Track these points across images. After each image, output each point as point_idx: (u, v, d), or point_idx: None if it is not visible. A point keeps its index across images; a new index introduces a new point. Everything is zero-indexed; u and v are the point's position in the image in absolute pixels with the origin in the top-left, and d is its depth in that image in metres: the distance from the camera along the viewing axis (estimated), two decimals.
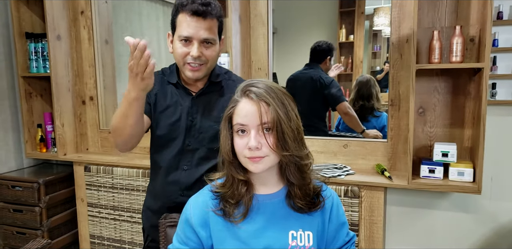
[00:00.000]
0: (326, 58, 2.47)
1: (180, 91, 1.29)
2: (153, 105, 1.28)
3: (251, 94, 0.87)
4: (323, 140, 2.00)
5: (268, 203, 0.93)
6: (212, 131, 1.26)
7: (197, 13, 1.14)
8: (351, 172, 1.85)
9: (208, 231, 0.93)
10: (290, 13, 3.18)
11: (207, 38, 1.17)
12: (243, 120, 0.87)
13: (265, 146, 0.86)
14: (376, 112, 2.39)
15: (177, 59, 1.21)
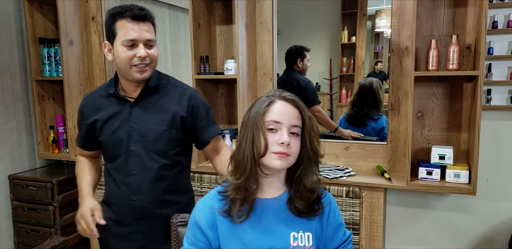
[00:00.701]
0: (297, 60, 2.56)
1: (117, 100, 1.34)
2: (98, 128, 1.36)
3: (289, 97, 0.95)
4: (326, 142, 2.08)
5: (271, 207, 0.99)
6: (153, 133, 1.33)
7: (137, 18, 1.23)
8: (352, 173, 1.93)
9: (216, 233, 0.98)
10: (293, 15, 3.23)
11: (150, 38, 1.25)
12: (279, 118, 0.93)
13: (294, 146, 0.93)
14: (374, 115, 2.46)
15: (123, 63, 1.25)
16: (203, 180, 2.09)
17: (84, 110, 1.39)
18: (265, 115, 0.94)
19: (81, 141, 1.47)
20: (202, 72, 2.04)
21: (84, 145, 1.46)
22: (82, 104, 1.41)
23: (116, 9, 1.25)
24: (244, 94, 2.01)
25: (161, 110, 1.35)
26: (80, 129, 1.44)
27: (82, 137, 1.45)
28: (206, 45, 2.14)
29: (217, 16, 2.19)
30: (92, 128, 1.37)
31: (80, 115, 1.41)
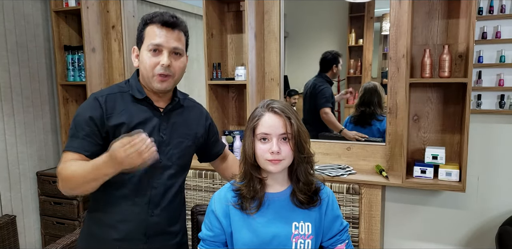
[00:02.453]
0: (332, 66, 2.75)
1: (146, 107, 1.24)
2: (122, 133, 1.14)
3: (275, 109, 1.09)
4: (329, 143, 2.24)
5: (276, 200, 1.15)
6: (180, 147, 1.28)
7: (167, 24, 1.17)
8: (353, 172, 2.08)
9: (229, 221, 1.15)
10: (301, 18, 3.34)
11: (176, 47, 1.18)
12: (267, 130, 1.08)
13: (285, 151, 1.08)
14: (379, 117, 2.61)
15: (146, 70, 1.18)
16: (214, 178, 2.26)
17: (104, 108, 1.18)
18: (256, 128, 1.10)
19: (84, 146, 1.16)
20: (214, 78, 2.21)
21: (93, 151, 1.16)
22: (101, 100, 1.19)
23: (148, 15, 1.21)
24: (253, 98, 2.17)
25: (187, 124, 1.32)
26: (87, 130, 1.16)
27: (88, 140, 1.17)
28: (218, 53, 2.31)
29: (229, 25, 2.36)
30: (113, 131, 1.18)
31: (96, 114, 1.17)
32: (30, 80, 2.55)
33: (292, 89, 3.24)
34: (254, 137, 1.11)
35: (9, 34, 2.41)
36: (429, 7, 1.90)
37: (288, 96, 3.22)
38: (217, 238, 1.18)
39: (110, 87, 1.28)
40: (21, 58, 2.49)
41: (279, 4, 2.22)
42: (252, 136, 1.11)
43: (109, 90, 1.25)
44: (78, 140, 1.17)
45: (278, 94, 2.30)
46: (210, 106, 2.23)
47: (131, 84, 1.25)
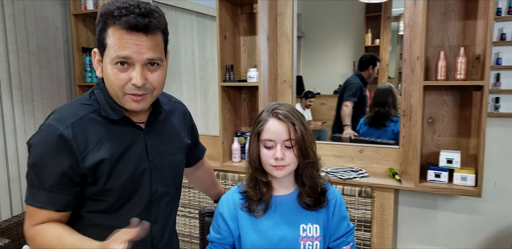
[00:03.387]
0: (368, 66, 2.83)
1: (125, 128, 0.98)
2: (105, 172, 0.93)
3: (279, 115, 1.10)
4: (342, 145, 2.22)
5: (284, 202, 1.16)
6: (174, 165, 1.09)
7: (136, 28, 0.84)
8: (366, 174, 2.06)
9: (236, 223, 1.16)
10: (317, 18, 3.32)
11: (152, 58, 0.88)
12: (271, 136, 1.09)
13: (289, 157, 1.09)
14: (394, 118, 2.58)
15: (113, 90, 0.90)
16: (227, 178, 2.28)
17: (73, 145, 0.89)
18: (261, 134, 1.11)
19: (53, 200, 0.91)
20: (227, 80, 2.22)
21: (64, 204, 0.92)
22: (68, 135, 0.89)
23: (110, 7, 0.87)
24: (265, 100, 2.17)
25: (173, 135, 1.09)
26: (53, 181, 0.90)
27: (56, 191, 0.91)
28: (231, 55, 2.32)
29: (242, 27, 2.37)
30: (92, 171, 0.91)
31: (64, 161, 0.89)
32: (50, 81, 2.62)
33: (308, 91, 3.24)
34: (259, 142, 1.12)
35: (31, 36, 2.49)
36: (445, 8, 1.86)
37: (304, 97, 3.21)
38: (225, 241, 1.19)
39: (71, 110, 0.95)
40: (41, 60, 2.56)
41: (292, 6, 2.21)
42: (257, 141, 1.12)
43: (71, 116, 0.92)
44: (42, 192, 0.91)
45: (290, 96, 2.29)
46: (223, 108, 2.24)
47: (99, 101, 0.95)
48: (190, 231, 2.48)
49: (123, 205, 0.98)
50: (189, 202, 2.44)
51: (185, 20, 3.24)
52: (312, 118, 3.29)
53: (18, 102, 2.43)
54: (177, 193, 1.15)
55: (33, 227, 0.92)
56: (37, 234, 0.91)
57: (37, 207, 0.91)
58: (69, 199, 0.93)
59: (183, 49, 3.25)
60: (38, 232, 0.91)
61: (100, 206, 0.97)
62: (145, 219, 0.93)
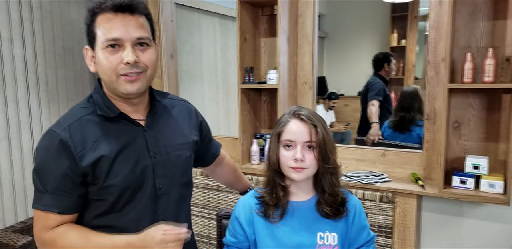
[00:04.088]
0: (384, 65, 2.81)
1: (123, 125, 0.99)
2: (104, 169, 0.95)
3: (301, 116, 1.08)
4: (363, 149, 2.18)
5: (301, 208, 1.14)
6: (180, 162, 1.08)
7: (121, 8, 0.90)
8: (388, 179, 2.01)
9: (252, 228, 1.15)
10: (341, 18, 3.29)
11: (140, 37, 0.92)
12: (292, 137, 1.07)
13: (309, 159, 1.06)
14: (419, 122, 2.50)
15: (106, 74, 0.93)
16: None
17: (71, 145, 0.92)
18: (281, 135, 1.09)
19: (56, 202, 0.93)
20: (246, 82, 2.21)
21: (68, 206, 0.95)
22: (65, 137, 0.92)
23: (94, 1, 0.93)
24: (285, 102, 2.15)
25: (177, 130, 1.09)
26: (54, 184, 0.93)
27: (59, 194, 0.93)
28: (251, 57, 2.32)
29: (262, 29, 2.35)
30: (91, 169, 0.93)
31: (63, 162, 0.92)
32: (75, 83, 2.69)
33: (332, 92, 3.20)
34: (278, 143, 1.10)
35: (57, 39, 2.56)
36: (473, 8, 1.79)
37: (327, 99, 3.18)
38: (241, 245, 1.18)
39: (70, 113, 1.00)
40: (67, 62, 2.63)
41: (313, 7, 2.18)
42: (277, 142, 1.10)
43: (68, 119, 0.96)
44: (46, 195, 0.93)
45: (310, 97, 2.26)
46: (242, 110, 2.24)
47: (96, 101, 0.98)
48: (209, 233, 2.49)
49: (127, 202, 0.99)
50: (208, 204, 2.44)
51: (207, 22, 3.27)
52: (335, 119, 3.25)
53: (44, 103, 2.50)
54: (186, 191, 1.14)
55: (46, 231, 0.94)
56: (57, 237, 0.93)
57: (42, 210, 0.94)
58: (72, 202, 0.95)
59: (205, 51, 3.28)
60: (57, 235, 0.93)
61: (103, 207, 0.98)
62: (151, 217, 1.01)
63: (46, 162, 0.94)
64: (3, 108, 2.29)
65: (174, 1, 2.75)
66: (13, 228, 1.90)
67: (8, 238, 1.45)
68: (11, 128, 2.33)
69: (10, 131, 2.33)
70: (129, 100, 1.00)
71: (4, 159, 2.31)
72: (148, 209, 1.02)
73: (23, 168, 2.40)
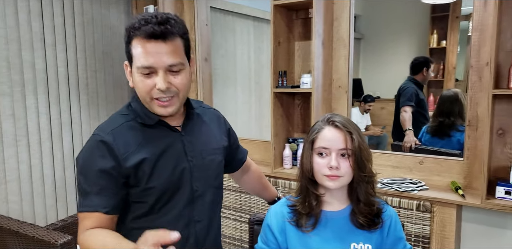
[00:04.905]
0: (422, 69, 2.69)
1: (162, 131, 1.05)
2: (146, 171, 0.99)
3: (336, 122, 1.05)
4: (400, 155, 2.11)
5: (335, 218, 1.11)
6: (213, 166, 1.13)
7: (154, 36, 0.92)
8: (425, 187, 1.93)
9: (284, 237, 1.13)
10: (377, 19, 3.21)
11: (172, 63, 0.95)
12: (326, 144, 1.04)
13: (344, 167, 1.04)
14: (460, 127, 2.40)
15: (142, 96, 0.99)
16: (277, 185, 2.26)
17: (116, 149, 0.97)
18: (315, 142, 1.07)
19: (102, 202, 0.97)
20: (280, 86, 2.20)
21: (114, 206, 0.98)
22: (110, 140, 0.97)
23: (131, 22, 0.97)
24: (319, 106, 2.12)
25: (210, 136, 1.15)
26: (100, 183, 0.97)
27: (105, 194, 0.97)
28: (284, 60, 2.30)
29: (297, 33, 2.33)
30: (134, 171, 0.98)
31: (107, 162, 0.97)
32: (113, 86, 2.78)
33: (368, 94, 3.13)
34: (312, 150, 1.07)
35: (97, 44, 2.65)
36: None
37: (363, 101, 3.11)
38: None
39: (112, 119, 1.05)
40: (106, 66, 2.72)
41: (349, 10, 2.14)
42: (311, 149, 1.08)
43: (111, 125, 1.02)
44: (92, 197, 0.97)
45: (346, 101, 2.22)
46: (275, 114, 2.23)
47: (135, 110, 1.04)
48: (241, 236, 2.50)
49: (165, 204, 1.03)
50: (240, 207, 2.45)
51: (241, 25, 3.28)
52: (371, 123, 3.18)
53: (84, 106, 2.60)
54: (218, 194, 1.18)
55: (83, 232, 0.97)
56: (86, 238, 0.96)
57: (89, 211, 0.97)
58: (116, 202, 0.99)
59: (239, 54, 3.29)
60: (87, 236, 0.96)
61: (143, 209, 1.02)
62: (187, 219, 1.05)
63: (90, 162, 0.98)
64: (46, 110, 2.39)
65: (209, 5, 2.78)
66: (54, 226, 1.99)
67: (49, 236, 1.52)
68: (53, 129, 2.43)
69: (53, 133, 2.43)
70: None
71: (46, 159, 2.41)
72: (185, 211, 1.06)
73: (64, 167, 2.50)
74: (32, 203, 2.35)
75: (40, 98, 2.35)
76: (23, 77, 2.27)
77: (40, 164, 2.38)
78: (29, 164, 2.33)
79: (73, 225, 2.22)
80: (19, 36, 2.23)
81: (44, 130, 2.39)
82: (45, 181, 2.41)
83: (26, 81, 2.28)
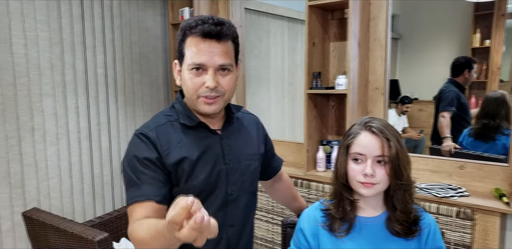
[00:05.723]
0: (464, 71, 2.59)
1: (202, 133, 1.06)
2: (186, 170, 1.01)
3: (373, 128, 1.02)
4: (438, 160, 2.03)
5: (370, 225, 1.08)
6: (249, 171, 1.13)
7: (209, 35, 0.96)
8: (466, 194, 1.85)
9: (317, 241, 1.11)
10: (416, 18, 3.13)
11: (223, 64, 0.98)
12: (362, 150, 1.01)
13: (379, 175, 1.00)
14: (505, 130, 2.29)
15: (189, 93, 1.01)
16: (310, 188, 2.23)
17: (157, 144, 1.00)
18: (350, 147, 1.03)
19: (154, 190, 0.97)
20: (314, 87, 2.17)
21: (165, 196, 0.99)
22: (152, 136, 1.00)
23: (187, 22, 1.00)
24: (354, 108, 2.08)
25: (248, 141, 1.16)
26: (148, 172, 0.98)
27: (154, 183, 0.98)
28: (319, 61, 2.27)
29: (332, 33, 2.30)
30: (174, 169, 1.00)
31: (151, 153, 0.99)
32: (150, 87, 2.84)
33: (405, 96, 3.05)
34: (347, 156, 1.05)
35: (134, 46, 2.72)
36: None
37: (400, 103, 3.03)
38: None
39: (155, 118, 1.08)
40: (142, 67, 2.78)
41: (387, 10, 2.08)
42: (346, 154, 1.05)
43: (156, 122, 1.05)
44: (142, 186, 0.97)
45: (382, 103, 2.16)
46: (308, 115, 2.20)
47: (178, 111, 1.06)
48: (273, 238, 2.48)
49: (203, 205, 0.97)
50: (272, 209, 2.44)
51: (276, 25, 3.27)
52: (408, 125, 3.09)
53: (122, 106, 2.67)
54: (253, 200, 1.17)
55: (132, 223, 0.95)
56: (134, 227, 0.94)
57: (141, 200, 0.95)
58: (167, 191, 0.99)
59: (273, 55, 3.28)
60: (135, 227, 0.93)
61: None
62: (220, 222, 0.98)
63: (137, 153, 1.00)
64: (86, 110, 2.48)
65: (243, 6, 2.78)
66: (91, 223, 2.05)
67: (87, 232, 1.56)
68: (92, 128, 2.52)
69: (91, 132, 2.52)
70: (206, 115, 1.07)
71: (85, 157, 2.50)
72: (218, 214, 1.06)
73: (102, 165, 2.59)
74: (72, 199, 2.44)
75: (80, 98, 2.44)
76: (64, 78, 2.36)
77: (79, 162, 2.47)
78: (69, 161, 2.42)
79: (109, 223, 2.29)
80: (61, 39, 2.33)
81: (83, 129, 2.48)
82: (83, 179, 2.49)
83: (67, 82, 2.37)
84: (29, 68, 2.21)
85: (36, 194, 2.28)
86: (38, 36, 2.22)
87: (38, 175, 2.28)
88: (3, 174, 2.14)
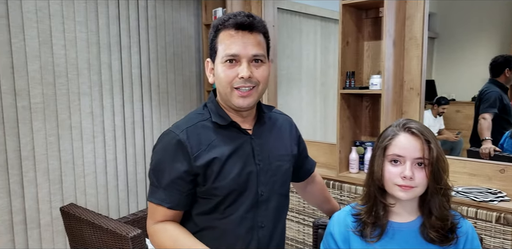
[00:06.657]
0: (504, 70, 2.52)
1: (233, 133, 1.06)
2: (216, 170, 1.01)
3: (413, 129, 0.99)
4: (477, 163, 1.95)
5: (403, 231, 1.04)
6: (280, 172, 1.11)
7: (242, 26, 0.98)
8: (506, 198, 1.77)
9: (348, 246, 1.09)
10: (454, 17, 3.03)
11: (256, 54, 0.99)
12: (401, 152, 0.98)
13: (418, 178, 0.97)
14: None
15: (222, 86, 1.00)
16: (342, 189, 2.20)
17: (188, 146, 1.00)
18: (388, 148, 1.00)
19: (171, 198, 1.02)
20: (347, 87, 2.14)
21: (178, 203, 1.02)
22: (183, 138, 1.00)
23: (219, 18, 1.02)
24: (388, 109, 2.03)
25: (282, 143, 1.14)
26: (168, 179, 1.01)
27: (171, 190, 1.02)
28: (353, 61, 2.23)
29: (366, 32, 2.25)
30: (204, 170, 1.00)
31: (180, 159, 1.00)
32: (183, 87, 2.88)
33: (441, 97, 2.97)
34: (384, 157, 1.02)
35: (168, 46, 2.77)
36: None
37: (436, 104, 2.95)
38: None
39: (187, 118, 1.08)
40: (176, 67, 2.83)
41: (423, 9, 2.02)
42: (383, 156, 1.02)
43: (187, 123, 1.05)
44: (159, 190, 1.02)
45: (418, 104, 2.10)
46: (341, 115, 2.17)
47: (210, 109, 1.06)
48: (304, 239, 2.47)
49: (230, 205, 1.03)
50: (303, 209, 2.42)
51: (308, 25, 3.25)
52: (444, 127, 3.00)
53: (156, 105, 2.73)
54: (284, 201, 1.16)
55: (153, 225, 1.04)
56: (156, 232, 1.02)
57: (155, 203, 1.03)
58: (181, 199, 1.03)
59: (305, 55, 3.26)
60: (157, 230, 1.02)
61: (208, 205, 1.04)
62: (251, 222, 1.05)
63: (163, 162, 1.03)
64: (121, 109, 2.54)
65: (276, 6, 2.78)
66: (125, 219, 2.10)
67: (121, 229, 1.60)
68: (127, 127, 2.58)
69: (126, 130, 2.58)
70: (239, 112, 1.07)
71: (120, 155, 2.56)
72: (249, 214, 1.06)
73: (136, 163, 2.65)
74: (107, 196, 2.51)
75: (116, 97, 2.51)
76: (100, 78, 2.43)
77: (114, 159, 2.53)
78: (104, 159, 2.49)
79: (142, 219, 2.33)
80: (98, 39, 2.40)
81: (119, 128, 2.54)
82: (118, 176, 2.56)
83: (103, 81, 2.44)
84: (67, 68, 2.29)
85: (73, 190, 2.36)
86: (76, 37, 2.30)
87: (75, 172, 2.36)
88: (43, 170, 2.23)
